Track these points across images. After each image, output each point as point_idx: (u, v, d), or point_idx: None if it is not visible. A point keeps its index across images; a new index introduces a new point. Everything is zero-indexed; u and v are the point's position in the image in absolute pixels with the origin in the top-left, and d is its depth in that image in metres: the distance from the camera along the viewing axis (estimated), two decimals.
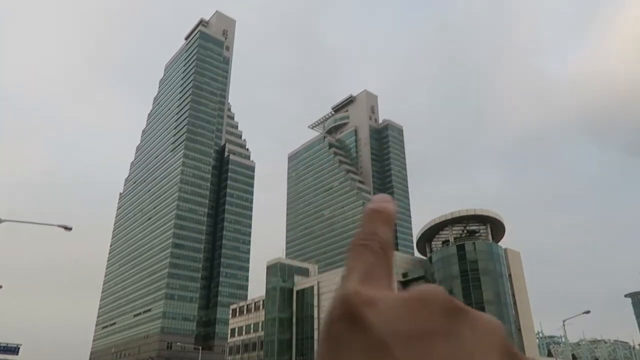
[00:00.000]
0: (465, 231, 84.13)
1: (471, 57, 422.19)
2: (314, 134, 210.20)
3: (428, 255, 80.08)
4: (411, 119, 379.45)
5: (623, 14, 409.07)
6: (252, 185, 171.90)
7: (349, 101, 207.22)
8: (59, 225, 29.94)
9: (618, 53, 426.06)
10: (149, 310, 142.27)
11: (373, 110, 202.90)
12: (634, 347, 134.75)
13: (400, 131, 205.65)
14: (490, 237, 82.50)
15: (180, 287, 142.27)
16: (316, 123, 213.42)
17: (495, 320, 0.41)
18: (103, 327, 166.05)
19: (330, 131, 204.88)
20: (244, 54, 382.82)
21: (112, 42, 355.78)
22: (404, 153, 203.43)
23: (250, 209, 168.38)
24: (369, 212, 0.54)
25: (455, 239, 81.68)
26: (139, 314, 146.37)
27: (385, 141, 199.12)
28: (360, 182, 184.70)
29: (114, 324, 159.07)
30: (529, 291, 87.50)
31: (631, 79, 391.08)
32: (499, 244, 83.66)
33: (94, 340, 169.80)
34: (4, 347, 34.07)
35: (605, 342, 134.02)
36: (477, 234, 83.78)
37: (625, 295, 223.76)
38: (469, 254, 74.95)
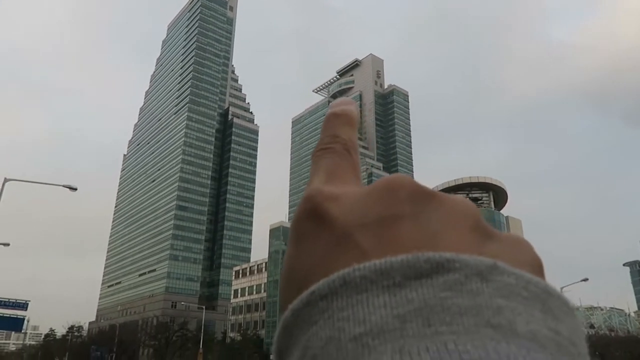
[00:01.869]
0: (467, 198, 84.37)
1: (477, 24, 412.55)
2: (319, 98, 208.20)
3: None
4: (416, 86, 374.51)
5: None
6: (255, 149, 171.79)
7: (354, 65, 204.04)
8: (64, 186, 30.17)
9: (622, 23, 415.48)
10: (154, 270, 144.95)
11: (379, 75, 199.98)
12: (629, 315, 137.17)
13: (405, 97, 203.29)
14: (492, 204, 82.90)
15: (184, 249, 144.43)
16: (321, 87, 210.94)
17: (467, 201, 0.39)
18: (109, 286, 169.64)
19: (334, 95, 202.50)
20: (248, 15, 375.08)
21: (114, 2, 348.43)
22: (408, 119, 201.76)
23: (254, 173, 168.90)
24: (328, 117, 0.50)
25: None
26: (144, 273, 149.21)
27: (390, 107, 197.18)
28: (364, 147, 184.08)
29: (120, 282, 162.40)
30: None
31: (634, 49, 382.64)
32: (501, 211, 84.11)
33: (100, 298, 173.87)
34: (13, 303, 34.80)
35: (602, 309, 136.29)
36: (479, 202, 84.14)
37: (624, 264, 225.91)
38: None
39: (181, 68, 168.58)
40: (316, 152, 0.48)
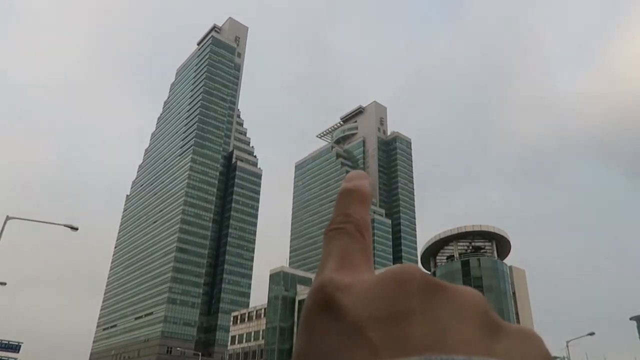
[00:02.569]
0: (470, 247, 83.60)
1: (481, 72, 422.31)
2: (322, 143, 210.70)
3: (432, 270, 79.57)
4: (419, 132, 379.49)
5: (633, 35, 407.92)
6: (258, 193, 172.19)
7: (358, 112, 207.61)
8: (65, 225, 30.10)
9: (626, 74, 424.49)
10: (151, 313, 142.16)
11: (382, 121, 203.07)
12: None
13: (408, 144, 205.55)
14: (495, 253, 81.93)
15: (182, 292, 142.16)
16: (324, 133, 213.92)
17: (474, 292, 0.40)
18: (104, 329, 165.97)
19: (338, 141, 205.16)
20: (255, 61, 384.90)
21: (124, 45, 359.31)
22: (411, 166, 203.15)
23: (256, 217, 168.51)
24: (342, 192, 0.51)
25: (460, 254, 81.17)
26: (141, 317, 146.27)
27: (393, 153, 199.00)
28: None
29: (115, 326, 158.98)
30: (533, 310, 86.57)
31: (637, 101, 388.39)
32: (504, 261, 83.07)
33: (94, 342, 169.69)
34: (6, 344, 34.15)
35: None
36: (482, 251, 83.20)
37: (630, 318, 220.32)
38: (474, 270, 74.37)
39: (188, 111, 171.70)
40: (328, 231, 0.48)
